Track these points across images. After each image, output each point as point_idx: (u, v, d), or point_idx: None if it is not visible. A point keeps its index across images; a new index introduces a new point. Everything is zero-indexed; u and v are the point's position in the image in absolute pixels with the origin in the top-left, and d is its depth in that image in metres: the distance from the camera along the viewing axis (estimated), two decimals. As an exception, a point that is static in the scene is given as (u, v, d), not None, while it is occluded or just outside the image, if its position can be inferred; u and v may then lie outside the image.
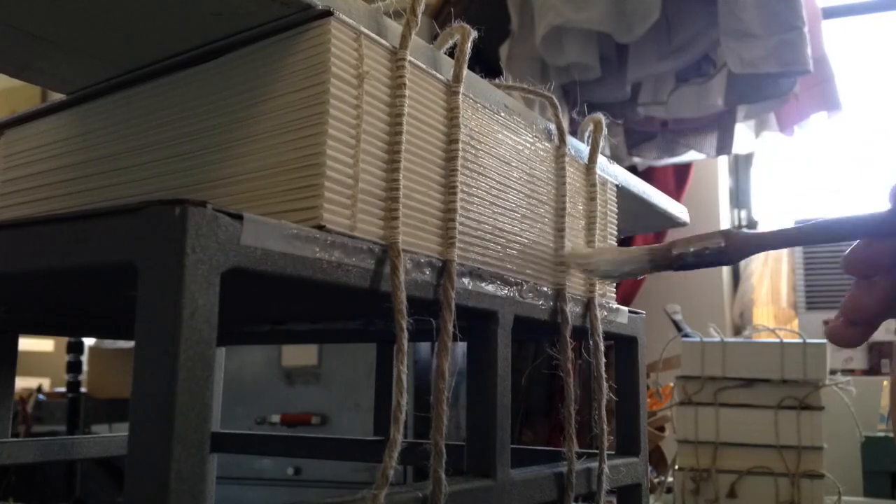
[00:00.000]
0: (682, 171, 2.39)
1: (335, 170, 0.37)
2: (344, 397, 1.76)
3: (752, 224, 2.65)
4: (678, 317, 1.59)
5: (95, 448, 0.77)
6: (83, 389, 2.21)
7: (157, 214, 0.29)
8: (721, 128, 2.03)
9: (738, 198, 2.69)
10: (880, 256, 0.35)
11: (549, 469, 0.52)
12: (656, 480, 1.39)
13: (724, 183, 2.60)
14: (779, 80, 1.74)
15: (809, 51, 1.65)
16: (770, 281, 2.44)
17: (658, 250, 0.40)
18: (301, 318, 0.62)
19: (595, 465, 0.55)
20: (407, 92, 0.41)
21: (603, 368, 0.55)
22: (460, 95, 0.45)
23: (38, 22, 0.41)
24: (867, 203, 2.51)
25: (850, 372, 2.10)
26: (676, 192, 2.34)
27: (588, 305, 0.57)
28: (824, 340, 1.22)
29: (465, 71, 0.45)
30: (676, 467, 1.26)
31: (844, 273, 0.37)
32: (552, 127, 0.55)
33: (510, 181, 0.50)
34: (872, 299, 0.36)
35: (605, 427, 0.55)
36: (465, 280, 0.44)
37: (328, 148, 0.37)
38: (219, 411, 0.84)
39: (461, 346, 0.47)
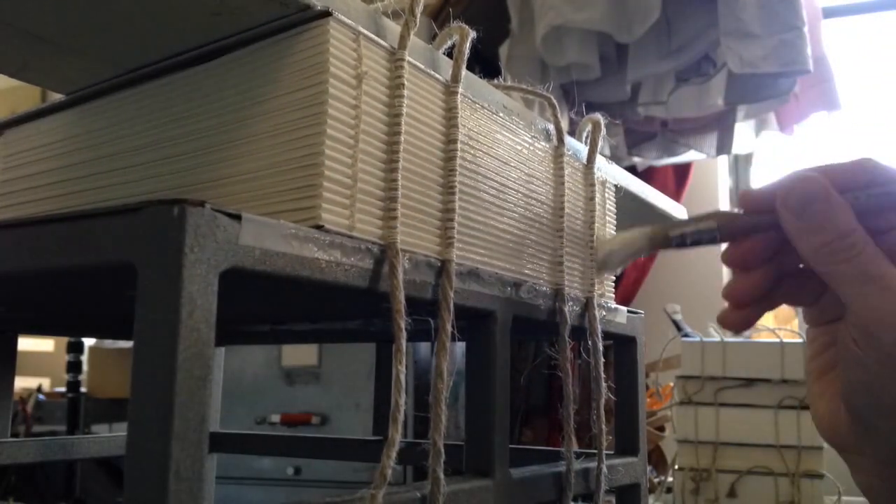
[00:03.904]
0: (682, 171, 2.39)
1: (334, 170, 0.37)
2: (344, 397, 1.76)
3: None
4: (678, 317, 1.58)
5: (95, 448, 0.77)
6: (83, 389, 2.21)
7: (155, 214, 0.30)
8: (721, 128, 2.03)
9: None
10: (753, 252, 0.39)
11: (548, 469, 0.52)
12: (656, 480, 1.39)
13: (724, 183, 2.60)
14: (779, 79, 1.74)
15: (809, 51, 1.65)
16: (770, 281, 2.43)
17: (657, 234, 0.42)
18: (300, 318, 0.62)
19: (594, 464, 0.55)
20: (406, 92, 0.41)
21: (601, 368, 0.55)
22: (459, 96, 0.45)
23: (38, 22, 0.41)
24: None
25: (850, 372, 2.10)
26: (676, 192, 2.34)
27: (587, 305, 0.57)
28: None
29: (464, 71, 0.46)
30: (676, 467, 1.26)
31: (726, 266, 0.40)
32: (551, 127, 0.55)
33: (509, 181, 0.50)
34: (749, 286, 0.39)
35: (603, 427, 0.55)
36: (464, 280, 0.45)
37: (327, 148, 0.37)
38: (219, 411, 0.84)
39: (460, 346, 0.47)
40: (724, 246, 0.41)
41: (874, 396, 0.35)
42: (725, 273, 2.51)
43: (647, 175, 2.22)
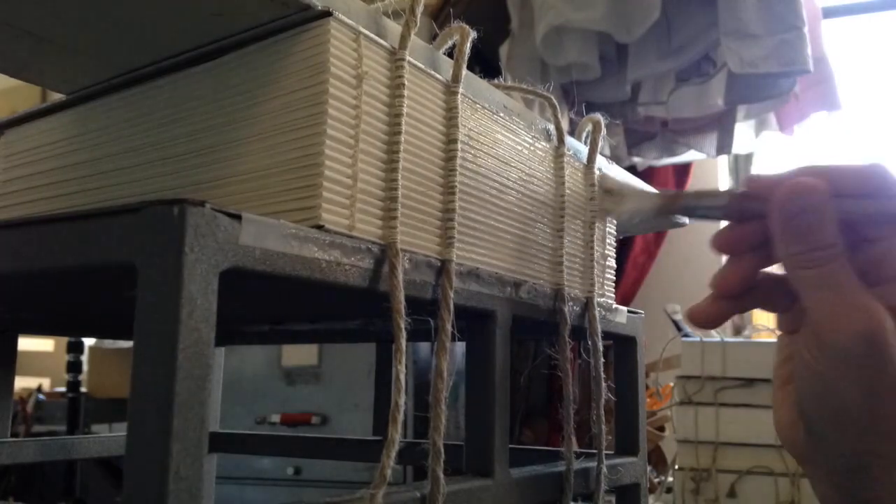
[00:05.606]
0: (682, 171, 2.39)
1: (334, 170, 0.37)
2: (344, 397, 1.76)
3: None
4: (678, 317, 1.58)
5: (95, 448, 0.77)
6: (83, 389, 2.21)
7: (155, 214, 0.30)
8: (721, 128, 2.03)
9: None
10: (745, 237, 0.39)
11: (548, 469, 0.52)
12: (656, 480, 1.39)
13: (724, 183, 2.60)
14: (779, 80, 1.73)
15: (809, 51, 1.65)
16: (770, 281, 2.43)
17: (668, 198, 0.42)
18: (300, 317, 0.62)
19: (594, 464, 0.55)
20: (406, 92, 0.41)
21: (601, 368, 0.55)
22: (459, 96, 0.45)
23: (38, 22, 0.41)
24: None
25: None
26: (676, 193, 2.33)
27: (587, 305, 0.57)
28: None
29: (465, 71, 0.46)
30: (676, 467, 1.26)
31: (715, 252, 0.40)
32: (551, 127, 0.55)
33: (509, 181, 0.50)
34: (739, 274, 0.39)
35: (603, 427, 0.55)
36: (464, 280, 0.45)
37: (327, 148, 0.37)
38: (218, 411, 0.84)
39: (461, 346, 0.47)
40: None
41: (823, 404, 0.36)
42: (725, 273, 2.51)
43: (647, 175, 2.22)
